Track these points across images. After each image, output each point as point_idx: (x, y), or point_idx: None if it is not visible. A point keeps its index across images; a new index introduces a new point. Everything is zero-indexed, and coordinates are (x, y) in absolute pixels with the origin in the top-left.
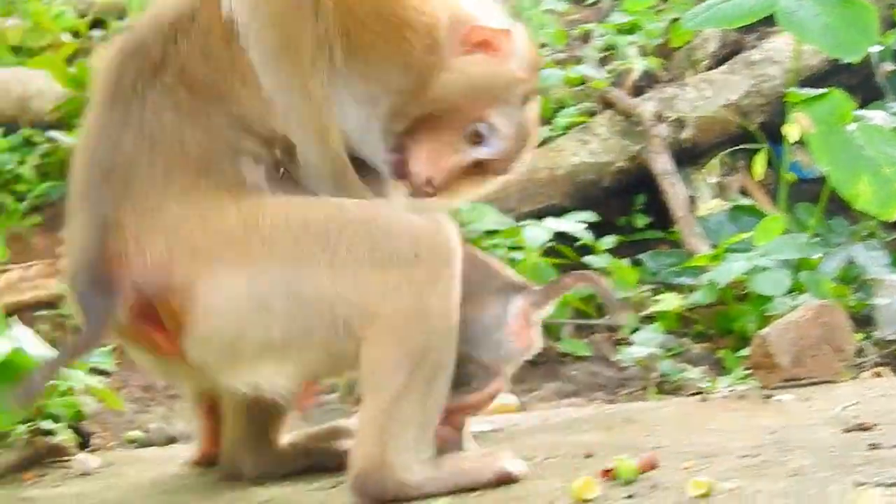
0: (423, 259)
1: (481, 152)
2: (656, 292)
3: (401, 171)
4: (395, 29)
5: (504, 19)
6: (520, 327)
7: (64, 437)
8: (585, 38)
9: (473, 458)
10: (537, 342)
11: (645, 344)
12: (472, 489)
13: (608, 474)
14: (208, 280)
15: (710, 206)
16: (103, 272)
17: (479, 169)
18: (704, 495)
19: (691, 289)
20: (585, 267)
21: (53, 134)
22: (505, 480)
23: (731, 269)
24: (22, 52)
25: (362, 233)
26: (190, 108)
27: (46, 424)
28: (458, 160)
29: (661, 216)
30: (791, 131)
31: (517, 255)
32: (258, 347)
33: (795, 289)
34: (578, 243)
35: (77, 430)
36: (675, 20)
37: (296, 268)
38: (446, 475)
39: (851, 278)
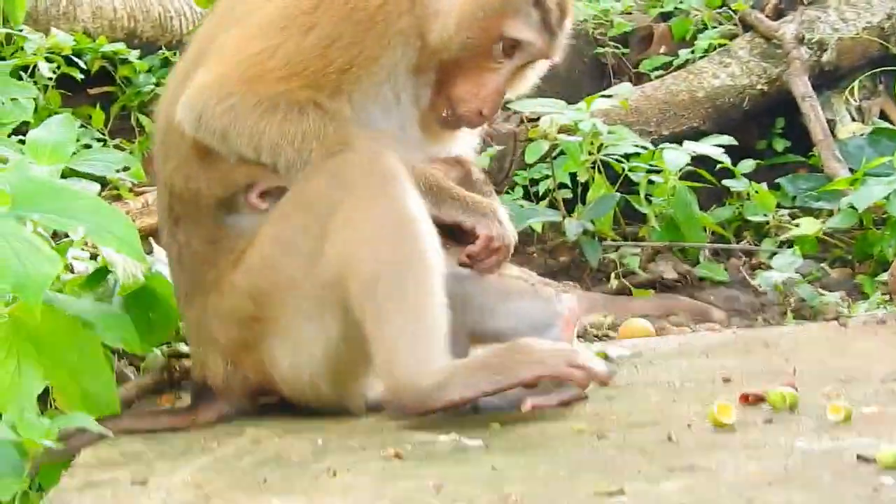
0: (357, 189)
1: (518, 59)
2: (794, 217)
3: (452, 122)
4: (362, 26)
5: None
6: (568, 322)
7: None
8: None
9: (517, 355)
10: (575, 343)
11: (783, 269)
12: (509, 388)
13: (747, 399)
14: None
15: (850, 129)
16: None
17: (523, 69)
18: (844, 420)
19: (830, 213)
20: (726, 189)
21: None
22: (554, 378)
23: (871, 193)
24: None
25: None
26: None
27: (183, 347)
28: (499, 80)
29: (801, 140)
30: None
31: (656, 178)
32: None
33: None
34: (718, 167)
35: None
36: None
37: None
38: (473, 375)
39: None
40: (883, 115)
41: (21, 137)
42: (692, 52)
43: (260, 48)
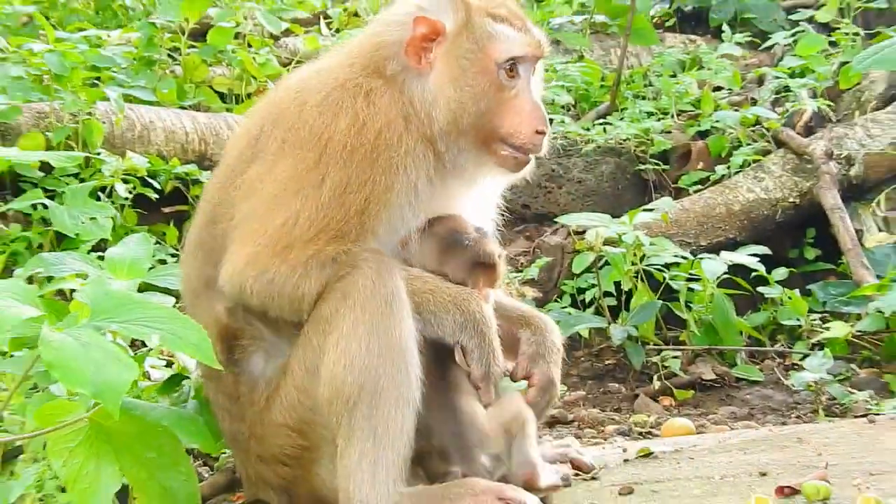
0: (356, 310)
1: (524, 70)
2: (825, 320)
3: (518, 159)
4: (367, 162)
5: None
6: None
7: None
8: (760, 80)
9: (457, 489)
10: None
11: (815, 369)
12: None
13: (783, 492)
14: None
15: (877, 238)
16: None
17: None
18: None
19: (858, 317)
20: (761, 296)
21: None
22: None
23: None
24: (229, 99)
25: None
26: None
27: None
28: (527, 96)
29: (830, 249)
30: None
31: (695, 286)
32: None
33: None
34: (753, 275)
35: None
36: (845, 63)
37: None
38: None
39: None
40: None
41: (100, 254)
42: (728, 167)
43: (283, 219)
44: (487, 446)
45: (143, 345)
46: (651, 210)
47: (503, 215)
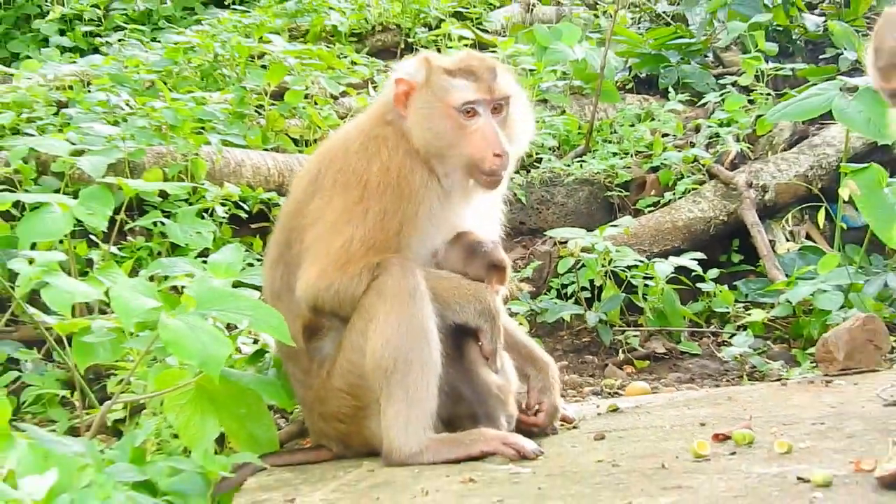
0: (387, 303)
1: (483, 112)
2: (747, 308)
3: (490, 179)
4: (395, 195)
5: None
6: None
7: None
8: (697, 129)
9: (473, 436)
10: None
11: (740, 345)
12: (467, 459)
13: (718, 438)
14: None
15: (786, 247)
16: None
17: (500, 118)
18: (787, 452)
19: (772, 306)
20: (699, 290)
21: None
22: (486, 455)
23: (801, 291)
24: (300, 143)
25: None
26: None
27: None
28: (485, 129)
29: (750, 255)
30: (843, 193)
31: (650, 282)
32: None
33: (847, 305)
34: (693, 274)
35: None
36: (760, 116)
37: None
38: (440, 447)
39: (887, 297)
40: (808, 237)
41: (204, 259)
42: (673, 194)
43: (342, 242)
44: (503, 409)
45: (236, 327)
46: (616, 226)
47: (505, 230)
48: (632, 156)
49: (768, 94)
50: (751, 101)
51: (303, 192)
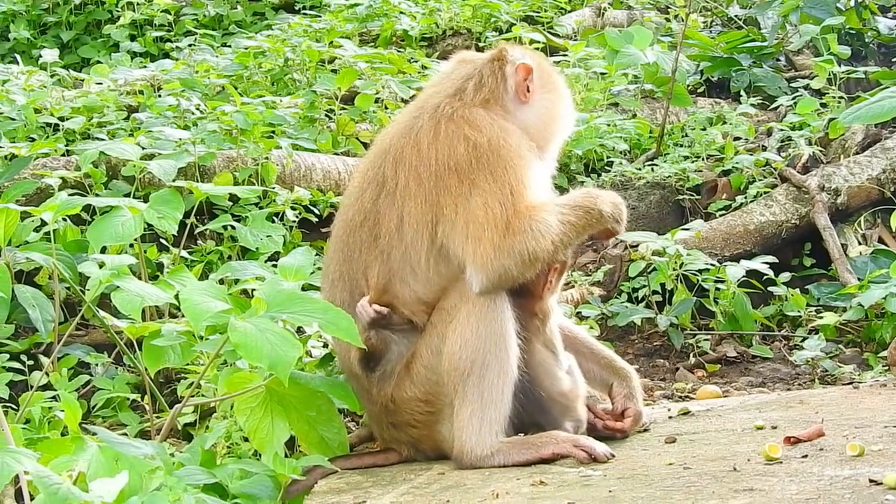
0: (468, 305)
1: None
2: (819, 312)
3: None
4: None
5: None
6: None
7: None
8: (769, 132)
9: (544, 438)
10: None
11: (812, 349)
12: (538, 462)
13: (789, 441)
14: None
15: (858, 250)
16: None
17: None
18: (859, 455)
19: (844, 309)
20: (770, 293)
21: None
22: (557, 458)
23: (873, 295)
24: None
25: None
26: None
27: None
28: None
29: (822, 258)
30: None
31: (721, 286)
32: None
33: None
34: (764, 278)
35: None
36: (832, 119)
37: None
38: (512, 450)
39: None
40: (880, 241)
41: (274, 263)
42: (745, 197)
43: (483, 214)
44: (568, 415)
45: (305, 331)
46: (687, 229)
47: None
48: (703, 159)
49: (840, 98)
50: (823, 105)
51: (371, 201)
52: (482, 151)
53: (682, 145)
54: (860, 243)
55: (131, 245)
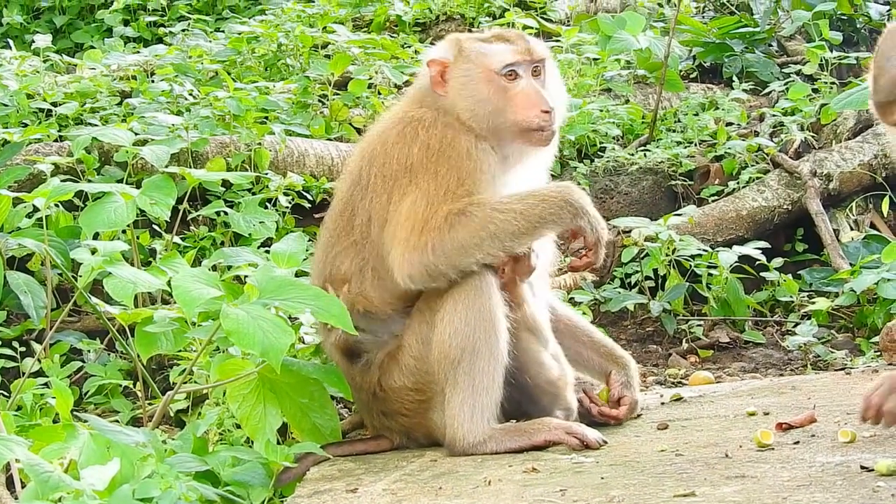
0: (456, 291)
1: (523, 73)
2: (811, 297)
3: (543, 135)
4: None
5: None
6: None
7: None
8: (761, 118)
9: (536, 425)
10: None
11: (804, 334)
12: (531, 448)
13: (781, 427)
14: None
15: (850, 236)
16: None
17: (540, 79)
18: (851, 441)
19: (836, 295)
20: (763, 279)
21: None
22: (549, 444)
23: (865, 280)
24: (364, 133)
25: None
26: None
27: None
28: (528, 89)
29: (815, 244)
30: None
31: (713, 272)
32: None
33: None
34: (757, 263)
35: None
36: (824, 105)
37: None
38: (504, 436)
39: None
40: (872, 226)
41: (267, 249)
42: (737, 183)
43: (412, 212)
44: (557, 403)
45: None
46: (680, 215)
47: None
48: (696, 145)
49: (832, 83)
50: (815, 90)
51: (349, 193)
52: (433, 152)
53: (674, 131)
54: (852, 229)
55: (124, 231)
